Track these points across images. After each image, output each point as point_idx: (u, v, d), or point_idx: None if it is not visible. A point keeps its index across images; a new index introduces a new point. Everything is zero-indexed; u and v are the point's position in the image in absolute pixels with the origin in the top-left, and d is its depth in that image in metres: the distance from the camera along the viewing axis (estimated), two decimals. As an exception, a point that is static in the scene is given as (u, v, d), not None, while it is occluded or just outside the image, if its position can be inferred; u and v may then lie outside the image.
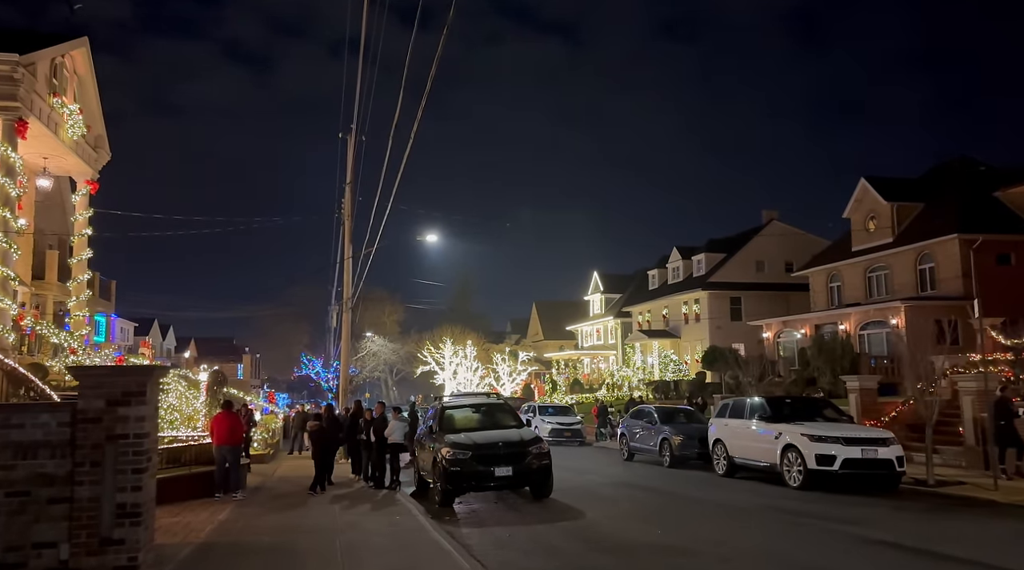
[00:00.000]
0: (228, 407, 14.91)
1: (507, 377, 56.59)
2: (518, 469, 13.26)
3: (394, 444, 16.10)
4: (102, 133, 28.58)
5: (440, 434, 14.50)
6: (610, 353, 59.22)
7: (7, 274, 20.78)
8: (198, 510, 12.66)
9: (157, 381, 6.99)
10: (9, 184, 21.04)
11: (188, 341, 77.18)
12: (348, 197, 28.45)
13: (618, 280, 62.53)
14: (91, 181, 28.05)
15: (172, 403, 21.82)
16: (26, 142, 23.35)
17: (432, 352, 56.97)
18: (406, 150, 18.72)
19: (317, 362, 58.62)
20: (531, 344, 71.23)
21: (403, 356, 70.47)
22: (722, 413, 17.93)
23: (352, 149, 27.34)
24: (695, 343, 46.27)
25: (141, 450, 6.61)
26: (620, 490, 15.65)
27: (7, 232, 20.94)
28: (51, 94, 23.28)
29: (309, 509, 13.04)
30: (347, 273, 28.42)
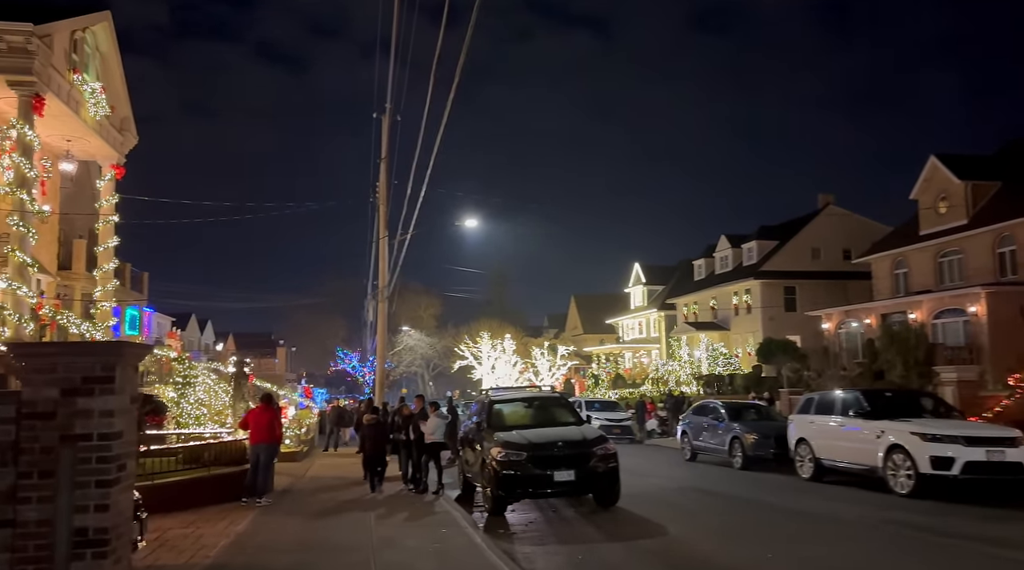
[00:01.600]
0: (267, 400, 13.28)
1: (546, 372, 54.82)
2: (581, 473, 11.40)
3: (434, 443, 14.36)
4: (128, 115, 27.34)
5: (489, 432, 12.71)
6: (653, 347, 56.98)
7: (24, 260, 19.52)
8: (215, 519, 11.04)
9: (133, 364, 5.26)
10: (25, 164, 19.78)
11: (226, 336, 76.78)
12: (383, 179, 26.80)
13: (660, 271, 60.19)
14: (117, 165, 26.84)
15: (200, 397, 20.45)
16: (46, 122, 22.11)
17: (469, 346, 55.45)
18: (439, 131, 17.04)
19: (353, 356, 57.35)
20: (570, 338, 69.22)
21: (440, 351, 69.01)
22: (805, 409, 15.83)
23: (387, 128, 25.70)
24: (746, 335, 43.87)
25: (108, 456, 4.88)
26: (695, 497, 13.69)
27: (24, 215, 19.71)
28: (71, 70, 21.98)
29: (340, 519, 11.35)
30: (382, 261, 26.80)
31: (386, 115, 26.43)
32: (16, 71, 19.01)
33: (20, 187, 19.72)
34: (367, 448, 15.67)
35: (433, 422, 14.41)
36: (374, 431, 15.36)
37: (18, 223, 19.36)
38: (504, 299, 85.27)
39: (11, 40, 18.63)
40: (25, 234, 19.51)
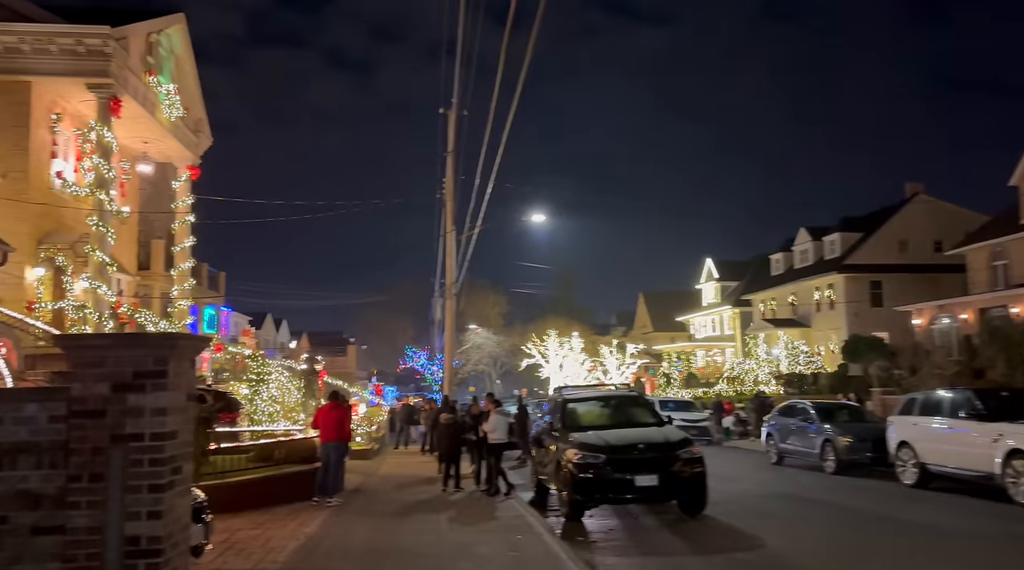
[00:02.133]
0: (335, 398, 13.01)
1: (615, 370, 53.77)
2: (665, 478, 10.62)
3: (497, 443, 13.77)
4: (202, 117, 27.83)
5: (563, 432, 12.06)
6: (727, 345, 55.17)
7: (103, 259, 19.95)
8: (285, 519, 10.75)
9: (189, 357, 4.83)
10: (104, 165, 20.21)
11: (301, 335, 78.42)
12: (450, 174, 26.46)
13: (734, 267, 58.22)
14: (192, 166, 27.37)
15: (273, 394, 20.50)
16: (123, 124, 22.59)
17: (536, 344, 54.88)
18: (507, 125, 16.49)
19: (422, 354, 57.48)
20: (639, 336, 67.74)
21: (507, 349, 68.67)
22: (908, 410, 14.58)
23: (453, 122, 25.31)
24: (828, 332, 41.83)
25: (161, 458, 4.45)
26: (789, 505, 12.70)
27: (103, 215, 20.15)
28: (146, 72, 22.39)
29: (411, 521, 10.89)
30: (449, 257, 26.46)
31: (452, 110, 26.08)
32: (94, 73, 19.41)
33: (99, 188, 20.16)
34: (442, 447, 15.28)
35: (494, 420, 13.84)
36: (449, 430, 14.93)
37: (98, 223, 19.79)
38: (571, 296, 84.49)
39: (89, 43, 19.02)
40: (104, 234, 19.92)
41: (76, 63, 19.22)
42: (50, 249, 20.06)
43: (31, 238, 19.47)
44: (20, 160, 19.24)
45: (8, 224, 19.04)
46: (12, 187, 18.96)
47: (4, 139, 19.13)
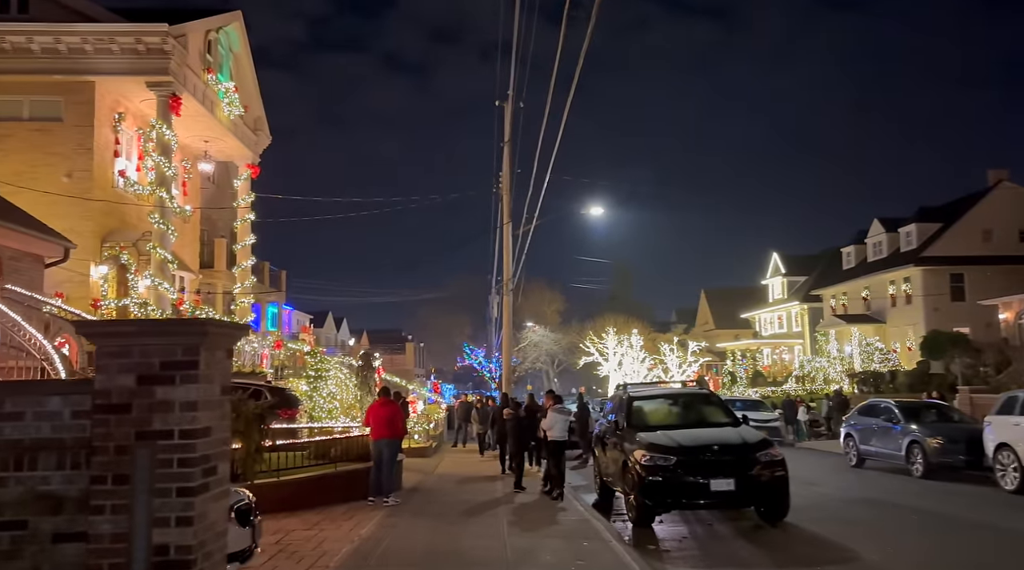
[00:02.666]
0: (386, 394, 12.63)
1: (676, 368, 52.46)
2: (743, 482, 9.81)
3: (556, 442, 13.11)
4: (261, 115, 28.00)
5: (629, 432, 11.34)
6: (795, 342, 53.17)
7: (165, 257, 20.12)
8: (340, 519, 10.36)
9: (224, 347, 4.35)
10: (165, 163, 20.37)
11: (361, 333, 79.29)
12: (506, 168, 25.92)
13: (801, 261, 56.07)
14: (252, 164, 27.57)
15: (332, 391, 20.33)
16: (183, 123, 22.79)
17: (595, 342, 54.01)
18: (563, 116, 15.87)
19: (479, 352, 57.24)
20: (701, 333, 66.03)
21: (564, 347, 67.88)
22: (1007, 409, 13.34)
23: (509, 113, 24.76)
24: (905, 328, 39.75)
25: (191, 458, 3.98)
26: (876, 511, 11.69)
27: (164, 213, 20.31)
28: (205, 70, 22.54)
29: (470, 523, 10.37)
30: (507, 251, 25.93)
31: (508, 102, 25.54)
32: (154, 72, 19.57)
33: (160, 185, 20.34)
34: (505, 445, 14.78)
35: (552, 418, 13.18)
36: (511, 427, 14.40)
37: (159, 221, 19.95)
38: (629, 293, 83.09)
39: (148, 41, 19.17)
40: (165, 231, 20.08)
41: (137, 62, 19.41)
42: (113, 247, 20.32)
43: (95, 236, 19.75)
44: (84, 159, 19.53)
45: (73, 222, 19.32)
46: (77, 186, 19.25)
47: (69, 139, 19.44)
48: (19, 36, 18.59)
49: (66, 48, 18.96)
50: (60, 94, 19.43)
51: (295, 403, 17.53)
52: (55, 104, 19.52)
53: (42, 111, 19.56)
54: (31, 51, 18.88)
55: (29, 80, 19.18)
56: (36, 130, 19.36)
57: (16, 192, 18.71)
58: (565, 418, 13.21)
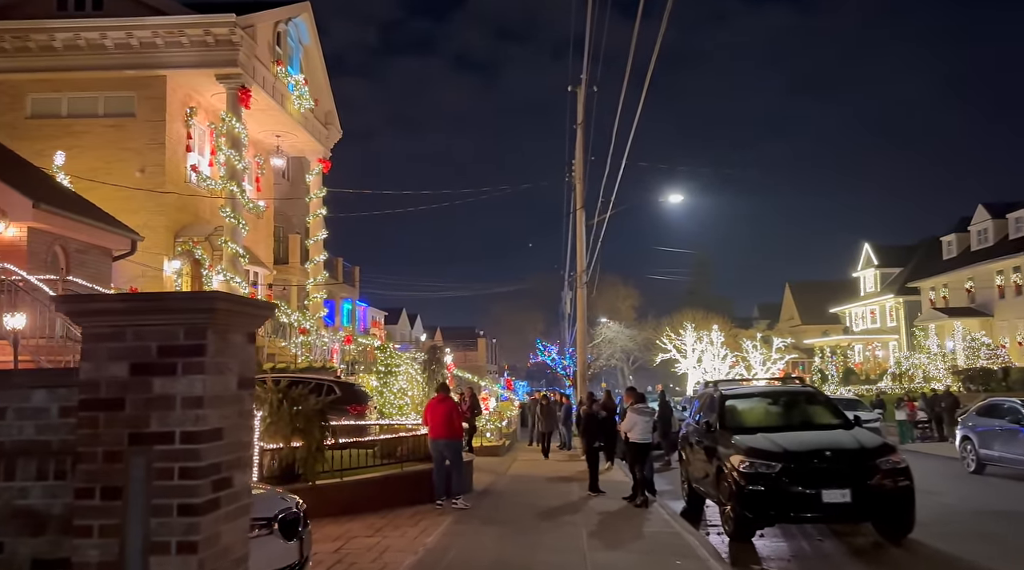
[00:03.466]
0: (443, 391, 11.80)
1: (760, 366, 50.21)
2: (861, 493, 8.50)
3: (638, 444, 11.97)
4: (332, 109, 27.80)
5: (724, 435, 10.14)
6: (890, 338, 50.00)
7: (236, 251, 19.97)
8: (405, 524, 9.58)
9: (242, 329, 3.50)
10: (235, 156, 20.21)
11: (435, 330, 79.53)
12: (579, 156, 24.82)
13: (896, 252, 52.71)
14: (323, 159, 27.40)
15: (402, 386, 19.77)
16: (254, 117, 22.67)
17: (671, 338, 52.28)
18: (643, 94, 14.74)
19: (552, 348, 56.31)
20: (786, 329, 63.13)
21: (640, 343, 66.15)
22: None
23: (582, 97, 23.64)
24: (1015, 321, 36.58)
25: (195, 467, 3.16)
26: (1015, 526, 10.12)
27: (235, 207, 20.16)
28: (274, 62, 22.34)
29: (546, 532, 9.40)
30: (579, 242, 24.85)
31: (581, 87, 24.44)
32: (222, 63, 19.41)
33: (231, 179, 20.20)
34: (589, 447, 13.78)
35: (633, 418, 12.04)
36: (591, 425, 13.38)
37: (230, 214, 19.81)
38: (708, 287, 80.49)
39: (217, 33, 19.00)
40: (236, 225, 19.91)
41: (206, 54, 19.30)
42: (186, 242, 20.31)
43: (168, 231, 19.76)
44: (157, 154, 19.54)
45: (146, 217, 19.36)
46: (150, 181, 19.27)
47: (142, 134, 19.49)
48: (93, 32, 18.70)
49: (138, 43, 18.98)
50: (133, 89, 19.50)
51: (364, 399, 16.96)
52: (128, 100, 19.61)
53: (116, 107, 19.68)
54: (105, 47, 18.99)
55: (103, 76, 19.31)
56: (111, 126, 19.48)
57: (93, 188, 18.88)
58: (647, 418, 12.07)
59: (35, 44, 18.83)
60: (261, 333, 21.48)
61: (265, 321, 3.93)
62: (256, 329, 3.79)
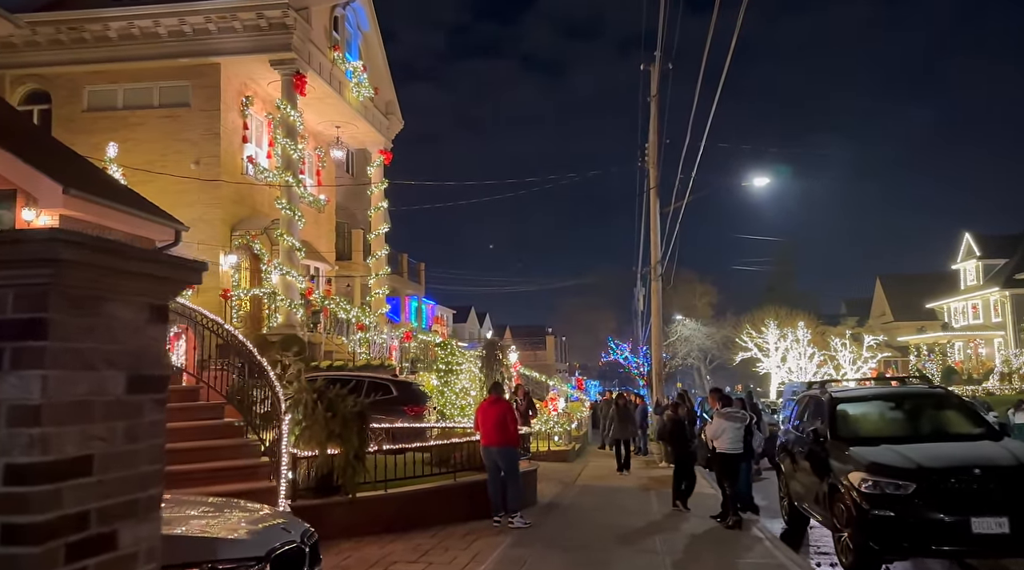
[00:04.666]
0: (497, 391, 10.43)
1: (850, 365, 47.17)
2: (1022, 521, 6.70)
3: (727, 455, 10.30)
4: (393, 98, 26.87)
5: (837, 445, 8.43)
6: (994, 334, 46.06)
7: (292, 244, 19.16)
8: (456, 547, 8.27)
9: (135, 297, 2.11)
10: (290, 145, 19.41)
11: (504, 329, 78.57)
12: (652, 139, 23.11)
13: (1000, 242, 48.54)
14: (384, 150, 26.52)
15: (465, 386, 18.56)
16: (312, 106, 21.85)
17: (752, 336, 49.78)
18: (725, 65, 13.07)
19: (625, 347, 54.36)
20: (877, 326, 59.29)
21: (718, 341, 63.40)
22: None
23: (656, 73, 21.94)
24: None
25: (26, 524, 1.78)
26: None
27: (291, 198, 19.38)
28: (331, 48, 21.48)
29: (621, 562, 7.91)
30: (654, 232, 23.14)
31: (655, 64, 22.72)
32: (276, 48, 18.60)
33: (286, 169, 19.42)
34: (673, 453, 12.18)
35: (720, 424, 10.38)
36: (680, 431, 11.80)
37: (285, 206, 19.02)
38: (792, 283, 76.69)
39: (270, 16, 18.21)
40: (292, 217, 19.10)
41: (259, 39, 18.56)
42: (244, 236, 19.65)
43: (224, 225, 19.11)
44: (212, 145, 18.92)
45: (202, 210, 18.75)
46: (205, 173, 18.66)
47: (197, 124, 18.91)
48: (146, 20, 18.21)
49: (191, 29, 18.40)
50: (187, 78, 18.95)
51: (422, 399, 15.83)
52: (183, 89, 19.07)
53: (171, 97, 19.17)
54: (158, 35, 18.48)
55: (158, 66, 18.82)
56: (165, 117, 18.98)
57: (149, 181, 18.40)
58: (738, 424, 10.39)
59: (90, 35, 18.48)
60: (320, 329, 20.71)
61: (182, 286, 2.61)
62: (167, 299, 2.47)
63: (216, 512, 4.93)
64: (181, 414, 9.44)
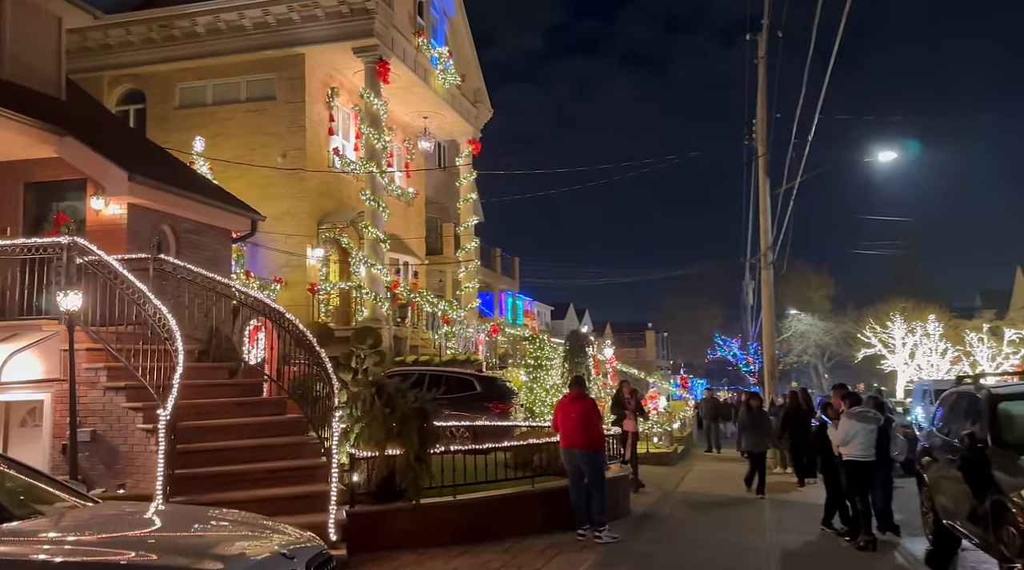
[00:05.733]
0: (578, 386, 9.18)
1: (988, 362, 42.91)
2: None
3: (858, 462, 8.64)
4: (481, 86, 26.07)
5: (1000, 453, 6.79)
6: None
7: (376, 236, 18.65)
8: (530, 563, 7.18)
9: None
10: (374, 135, 18.89)
11: (604, 326, 76.83)
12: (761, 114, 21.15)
13: None
14: (473, 140, 25.78)
15: (555, 382, 17.50)
16: (398, 96, 21.32)
17: (876, 331, 46.21)
18: None
19: (733, 343, 51.60)
20: (1020, 319, 53.58)
21: (837, 337, 59.31)
22: None
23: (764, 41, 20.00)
24: None
25: None
26: None
27: (375, 189, 18.87)
28: (415, 34, 20.87)
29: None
30: (763, 215, 21.18)
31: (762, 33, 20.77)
32: (358, 35, 18.10)
33: (369, 159, 18.93)
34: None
35: (849, 427, 8.71)
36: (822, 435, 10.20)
37: (369, 197, 18.52)
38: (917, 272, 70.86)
39: (352, 1, 17.73)
40: (376, 209, 18.59)
41: (342, 26, 18.16)
42: (331, 229, 19.33)
43: (311, 218, 18.83)
44: (297, 138, 18.67)
45: (289, 204, 18.55)
46: (291, 166, 18.45)
47: (282, 117, 18.71)
48: (231, 13, 18.15)
49: (275, 20, 18.20)
50: (273, 71, 18.78)
51: (508, 395, 14.85)
52: (269, 82, 18.94)
53: (258, 91, 19.08)
54: (243, 28, 18.40)
55: (244, 60, 18.76)
56: (252, 111, 18.90)
57: (237, 176, 18.35)
58: (871, 427, 8.72)
59: (180, 32, 18.63)
60: (407, 323, 20.15)
61: None
62: None
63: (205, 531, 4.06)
64: (241, 409, 8.85)
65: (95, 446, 8.02)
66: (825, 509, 9.58)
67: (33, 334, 8.28)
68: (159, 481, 6.54)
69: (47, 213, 10.83)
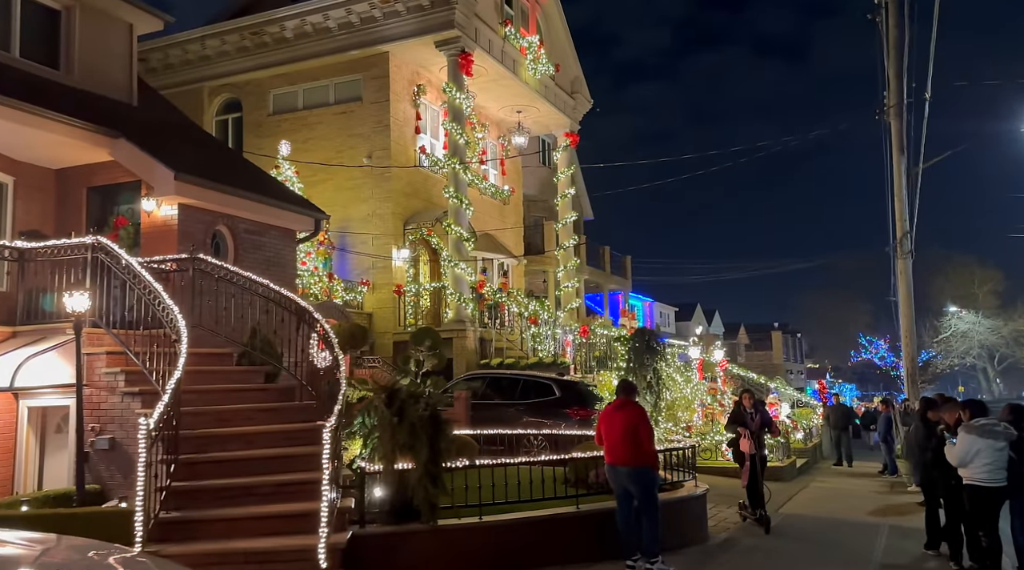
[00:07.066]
0: (626, 391, 7.85)
1: None
2: None
3: (981, 487, 6.76)
4: (578, 75, 24.87)
5: None
6: None
7: (459, 234, 17.99)
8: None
9: None
10: (456, 130, 18.23)
11: (737, 327, 72.79)
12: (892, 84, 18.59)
13: None
14: (570, 133, 24.64)
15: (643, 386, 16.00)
16: (487, 89, 20.61)
17: (1055, 329, 40.42)
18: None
19: (880, 343, 47.01)
20: None
21: (1007, 336, 52.82)
22: None
23: None
24: None
25: None
26: None
27: (458, 186, 18.21)
28: (502, 24, 20.08)
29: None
30: (899, 197, 18.63)
31: None
32: (440, 27, 17.55)
33: (452, 155, 18.31)
34: None
35: (969, 443, 6.84)
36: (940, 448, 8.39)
37: (452, 194, 17.90)
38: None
39: (429, -10, 17.27)
40: (459, 206, 17.93)
41: (423, 20, 17.70)
42: (416, 229, 18.90)
43: (397, 218, 18.49)
44: (382, 138, 18.43)
45: (375, 205, 18.35)
46: (377, 166, 18.20)
47: (368, 118, 18.53)
48: (316, 15, 18.16)
49: (358, 19, 18.03)
50: (359, 71, 18.66)
51: (590, 401, 13.62)
52: (355, 83, 18.82)
53: (345, 93, 19.02)
54: (329, 30, 18.37)
55: (332, 62, 18.75)
56: (340, 113, 18.86)
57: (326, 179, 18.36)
58: (1001, 443, 6.85)
59: (270, 38, 18.88)
60: (497, 324, 19.33)
61: None
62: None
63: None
64: (265, 415, 8.30)
65: (114, 455, 7.72)
66: (931, 530, 7.84)
67: (57, 337, 8.13)
68: (138, 498, 5.98)
69: (108, 217, 10.89)
